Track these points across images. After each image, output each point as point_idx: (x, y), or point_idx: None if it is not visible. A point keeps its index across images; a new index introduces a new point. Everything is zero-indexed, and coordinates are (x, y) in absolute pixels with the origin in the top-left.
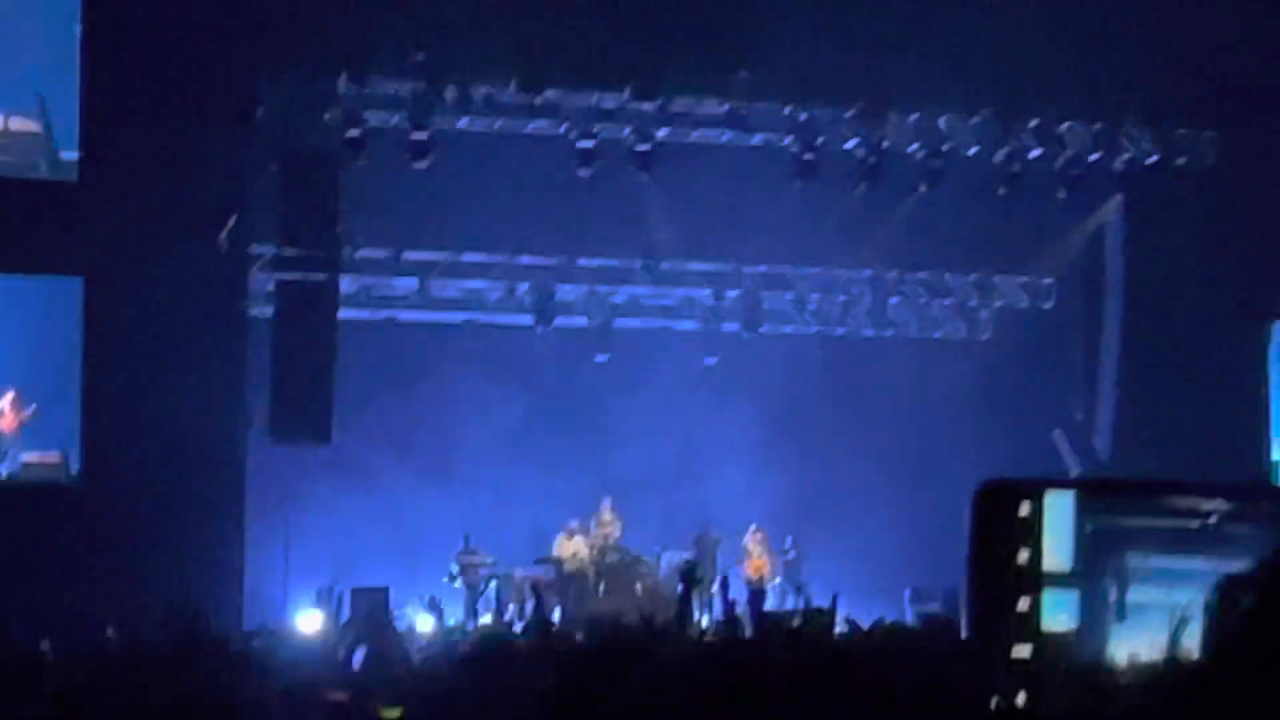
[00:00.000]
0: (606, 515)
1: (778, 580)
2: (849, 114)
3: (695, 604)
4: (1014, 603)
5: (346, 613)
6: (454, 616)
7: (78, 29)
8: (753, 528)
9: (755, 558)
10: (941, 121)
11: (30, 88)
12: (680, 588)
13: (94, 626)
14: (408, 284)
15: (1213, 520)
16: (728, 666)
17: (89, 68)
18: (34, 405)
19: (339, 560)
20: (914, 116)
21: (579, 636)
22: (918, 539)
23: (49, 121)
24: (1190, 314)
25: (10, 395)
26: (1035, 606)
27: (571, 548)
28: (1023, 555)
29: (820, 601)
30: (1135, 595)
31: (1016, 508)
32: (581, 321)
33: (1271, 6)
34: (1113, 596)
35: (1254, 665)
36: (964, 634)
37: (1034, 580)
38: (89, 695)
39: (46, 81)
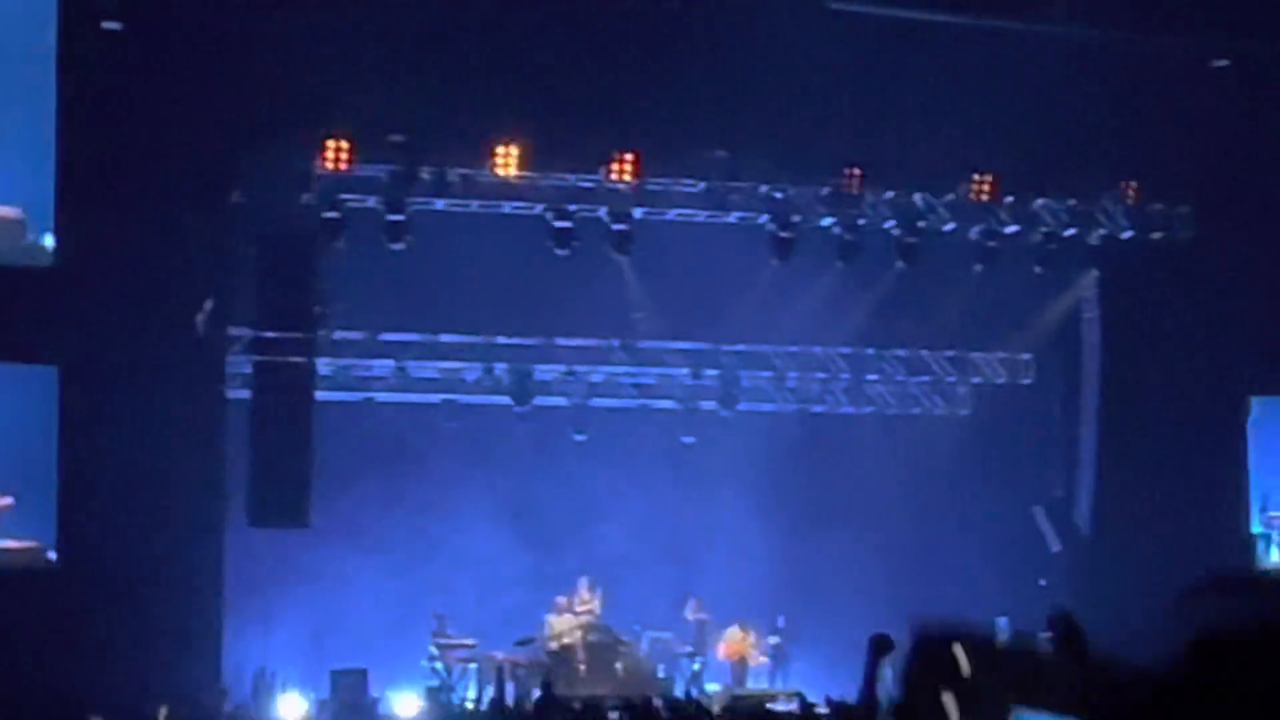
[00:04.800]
0: (585, 594)
1: (763, 660)
2: (825, 192)
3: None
4: None
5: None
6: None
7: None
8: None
9: (732, 641)
10: (917, 198)
11: (7, 173)
12: None
13: (76, 713)
14: (385, 365)
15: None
16: None
17: (64, 152)
18: (10, 498)
19: (319, 641)
20: (889, 194)
21: None
22: (898, 615)
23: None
24: (1168, 388)
25: None
26: None
27: (562, 625)
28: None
29: (796, 680)
30: None
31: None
32: (560, 401)
33: (1244, 83)
34: None
35: None
36: None
37: None
38: None
39: (22, 167)
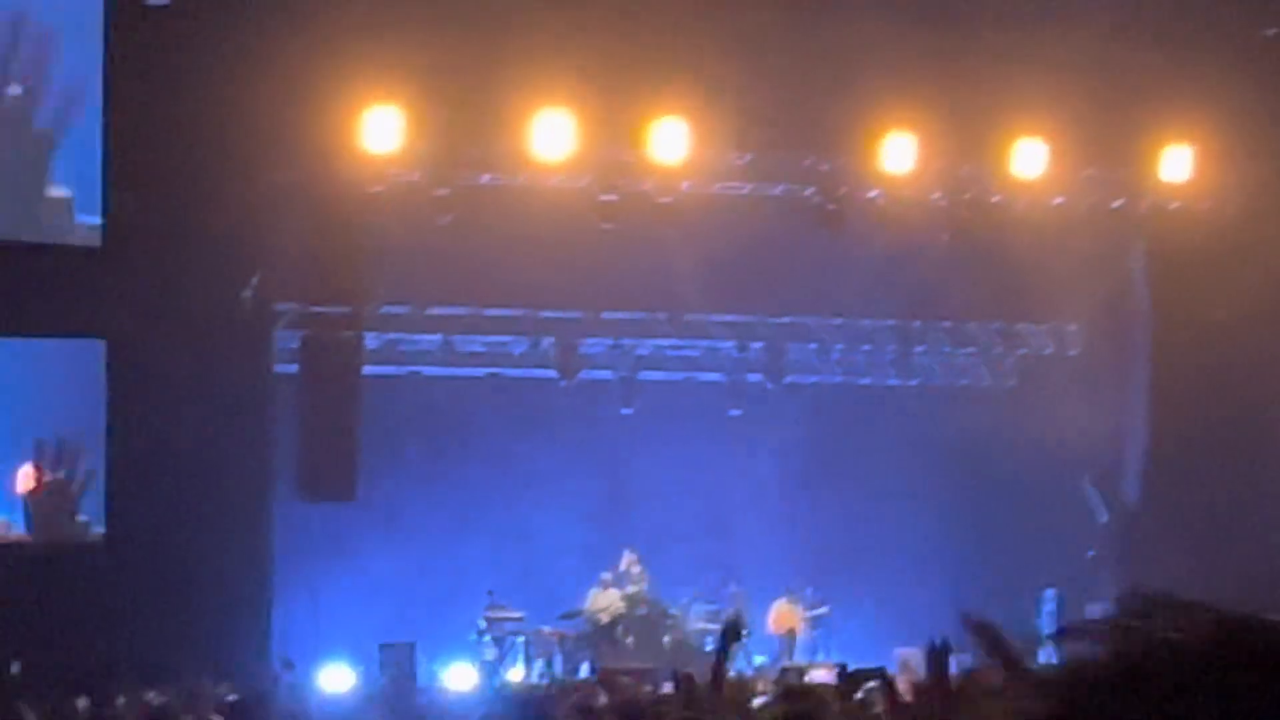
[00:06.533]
0: (634, 568)
1: (803, 634)
2: (871, 163)
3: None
4: None
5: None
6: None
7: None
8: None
9: (782, 613)
10: (964, 170)
11: (54, 153)
12: (718, 645)
13: (124, 687)
14: (432, 339)
15: None
16: None
17: (110, 130)
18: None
19: (367, 615)
20: (936, 166)
21: (603, 697)
22: (947, 588)
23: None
24: (1216, 358)
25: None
26: None
27: (606, 600)
28: None
29: (845, 654)
30: None
31: None
32: (606, 374)
33: None
34: None
35: None
36: None
37: None
38: None
39: (68, 146)
